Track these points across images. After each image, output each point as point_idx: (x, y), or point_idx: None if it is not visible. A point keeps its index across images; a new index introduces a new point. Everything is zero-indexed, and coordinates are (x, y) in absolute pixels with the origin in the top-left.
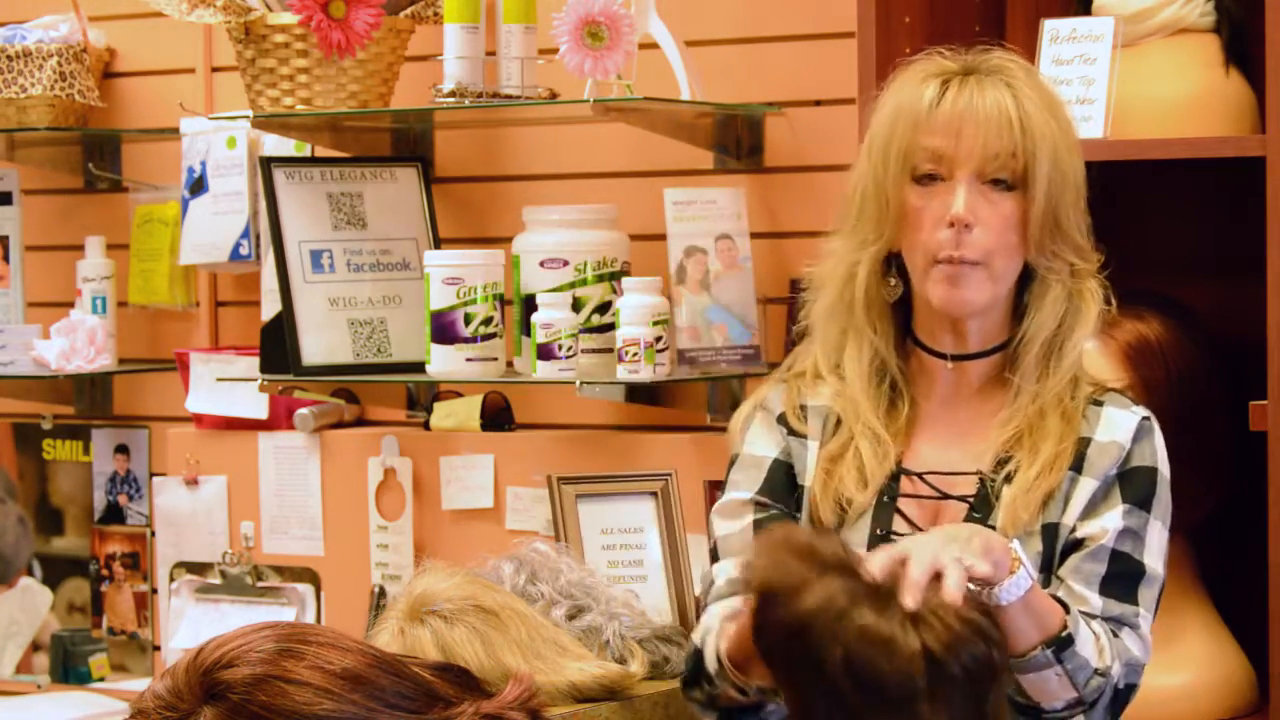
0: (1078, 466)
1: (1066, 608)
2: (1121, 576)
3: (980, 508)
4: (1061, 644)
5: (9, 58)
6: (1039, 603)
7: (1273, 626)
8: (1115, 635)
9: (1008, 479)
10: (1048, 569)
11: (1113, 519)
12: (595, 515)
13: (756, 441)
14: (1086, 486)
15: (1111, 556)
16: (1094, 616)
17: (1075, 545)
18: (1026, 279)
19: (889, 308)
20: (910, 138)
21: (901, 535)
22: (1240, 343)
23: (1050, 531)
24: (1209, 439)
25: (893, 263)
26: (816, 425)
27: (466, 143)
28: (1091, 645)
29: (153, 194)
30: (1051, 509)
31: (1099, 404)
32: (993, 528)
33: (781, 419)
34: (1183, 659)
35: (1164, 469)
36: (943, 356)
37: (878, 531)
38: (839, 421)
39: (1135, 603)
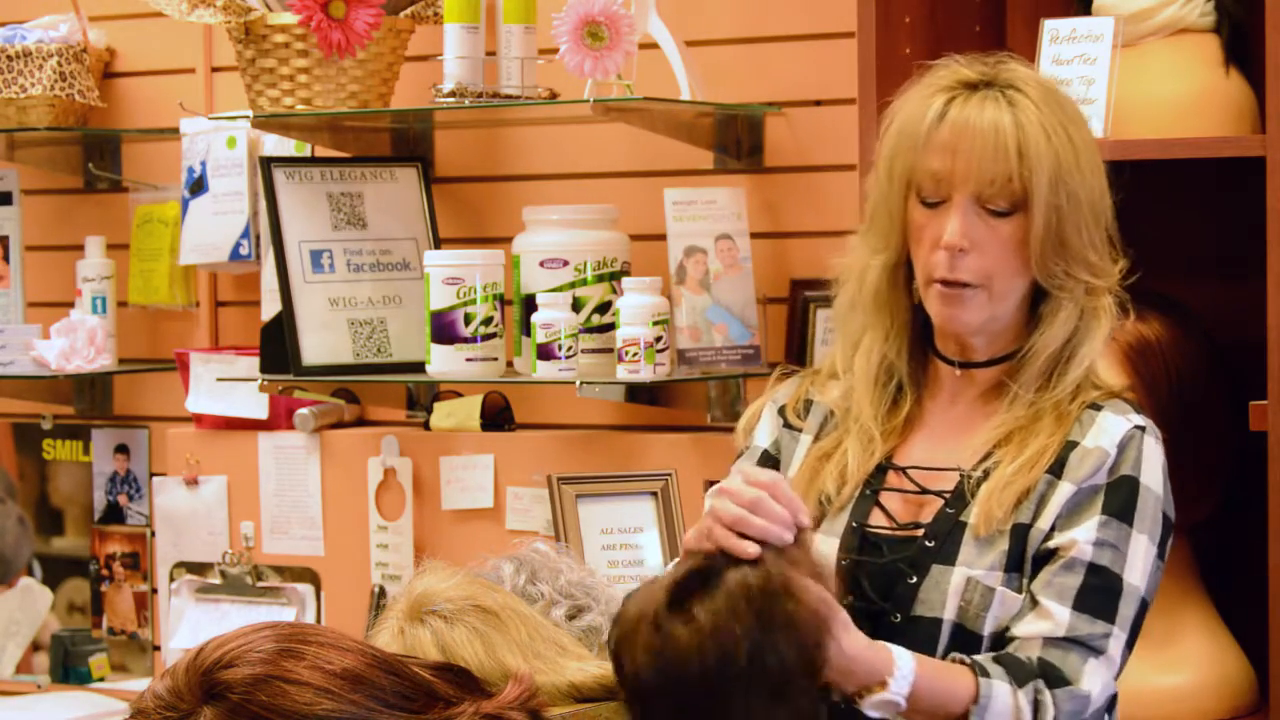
0: (1057, 471)
1: (978, 690)
2: (1098, 591)
3: (955, 503)
4: None
5: (9, 58)
6: (929, 699)
7: (1273, 626)
8: (1065, 681)
9: (986, 475)
10: (1015, 569)
11: (1087, 530)
12: (595, 515)
13: (758, 433)
14: (1064, 491)
15: (1089, 570)
16: (1032, 674)
17: (1048, 556)
18: (1043, 292)
19: (907, 311)
20: (911, 157)
21: (878, 529)
22: (1240, 343)
23: (1019, 532)
24: (1209, 439)
25: (910, 269)
26: (815, 422)
27: (466, 143)
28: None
29: (153, 194)
30: (1024, 509)
31: (1097, 408)
32: (965, 524)
33: (782, 410)
34: (1182, 659)
35: (1152, 482)
36: (951, 363)
37: (853, 524)
38: (838, 420)
39: (1110, 620)
